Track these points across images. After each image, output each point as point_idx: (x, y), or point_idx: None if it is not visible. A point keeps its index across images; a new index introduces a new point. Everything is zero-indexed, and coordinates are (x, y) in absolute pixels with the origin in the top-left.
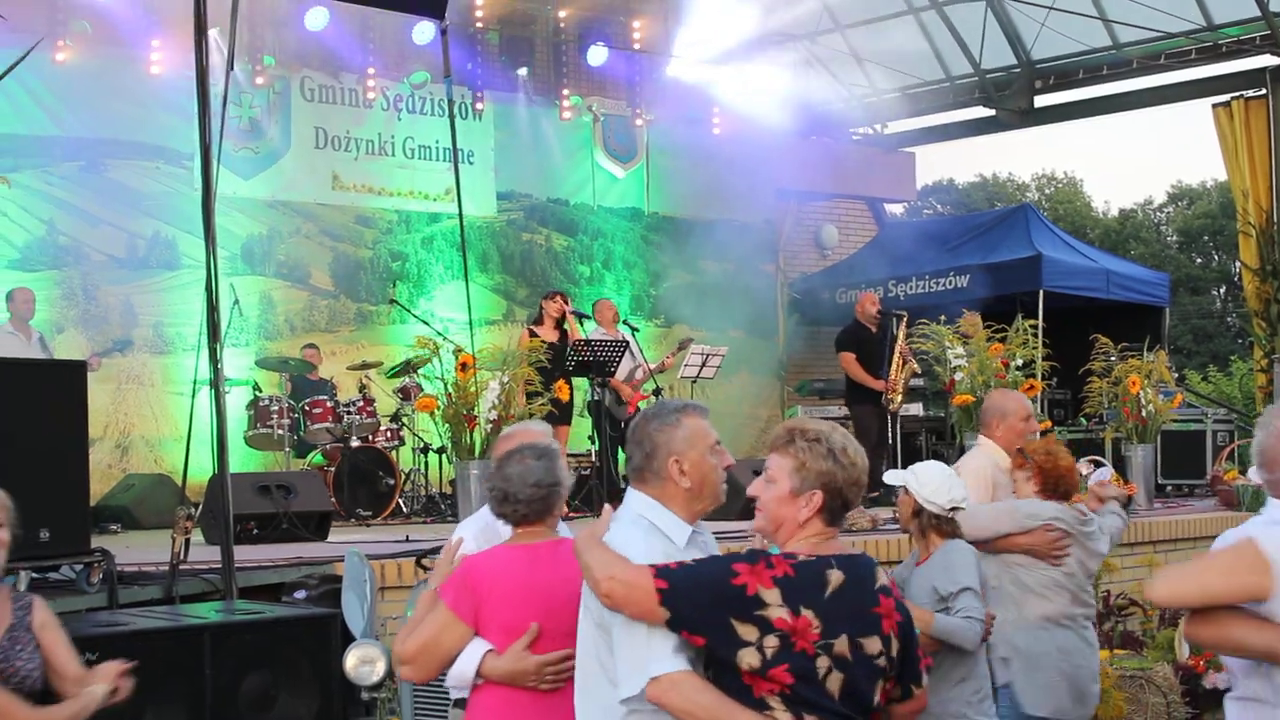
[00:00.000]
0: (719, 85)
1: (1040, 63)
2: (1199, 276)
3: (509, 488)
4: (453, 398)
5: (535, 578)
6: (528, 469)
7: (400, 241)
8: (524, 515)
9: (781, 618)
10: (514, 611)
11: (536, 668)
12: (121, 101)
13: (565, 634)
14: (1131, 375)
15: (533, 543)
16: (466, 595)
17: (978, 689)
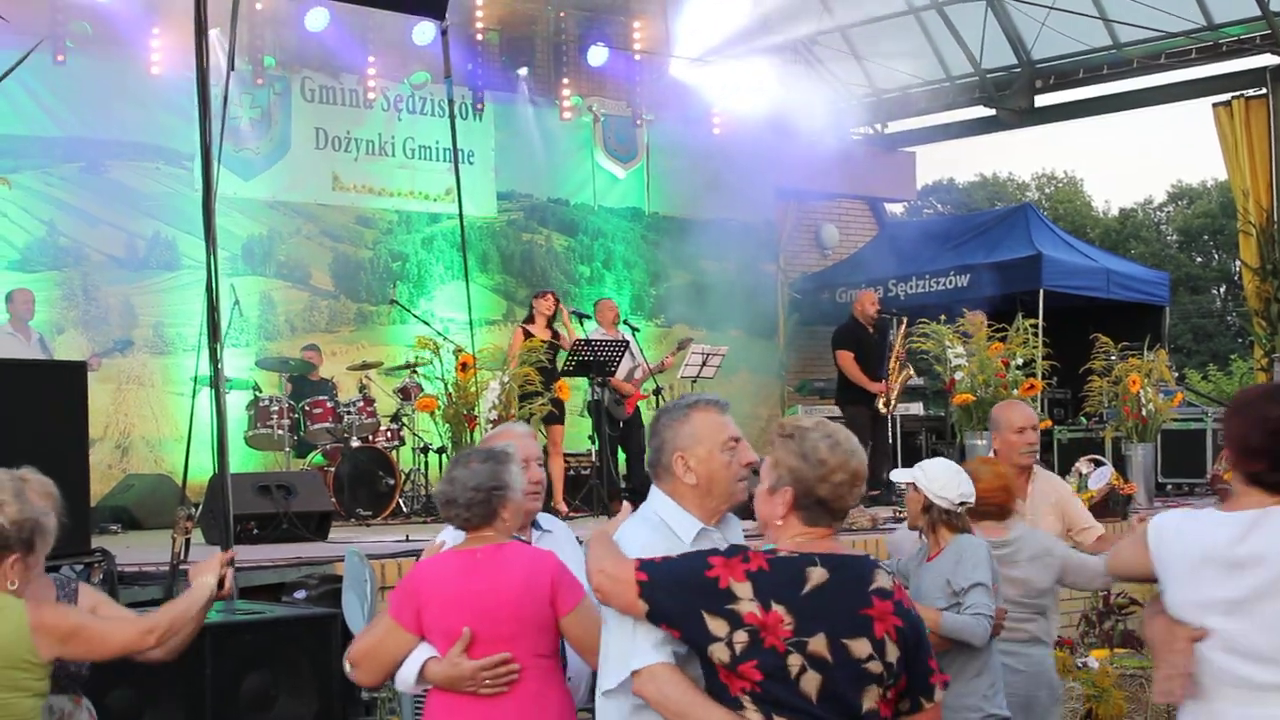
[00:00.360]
0: (719, 85)
1: (1040, 62)
2: (1199, 276)
3: (451, 491)
4: (453, 398)
5: (471, 583)
6: (471, 473)
7: (400, 242)
8: (466, 519)
9: (751, 612)
10: (452, 617)
11: (472, 672)
12: (122, 102)
13: (503, 639)
14: (1132, 374)
15: (474, 547)
16: (408, 602)
17: (992, 682)
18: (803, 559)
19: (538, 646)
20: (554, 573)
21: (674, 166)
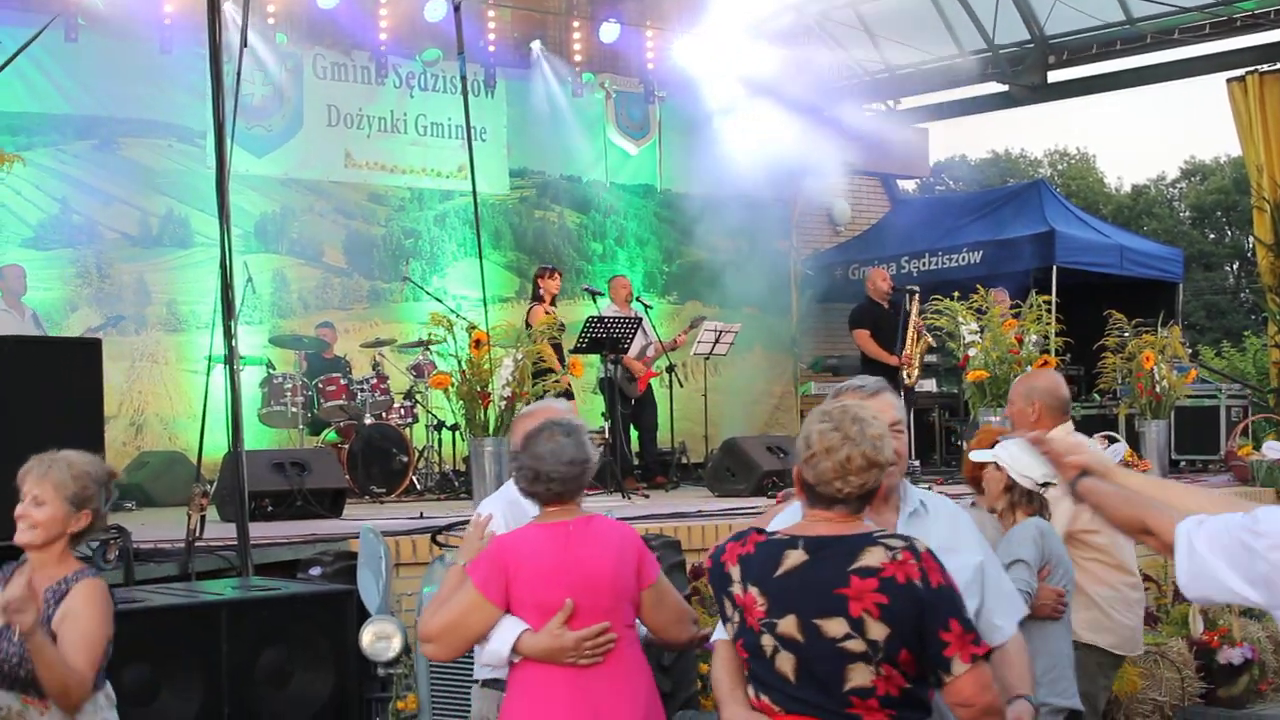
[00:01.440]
0: (731, 61)
1: (1054, 38)
2: (1212, 252)
3: (541, 466)
4: (467, 375)
5: (568, 555)
6: (559, 446)
7: (413, 219)
8: (557, 494)
9: (738, 594)
10: (548, 590)
11: (575, 643)
12: (134, 79)
13: (602, 610)
14: (1145, 351)
15: (563, 520)
16: (496, 575)
17: (1051, 666)
18: (787, 542)
19: (627, 616)
20: (639, 545)
21: (686, 143)
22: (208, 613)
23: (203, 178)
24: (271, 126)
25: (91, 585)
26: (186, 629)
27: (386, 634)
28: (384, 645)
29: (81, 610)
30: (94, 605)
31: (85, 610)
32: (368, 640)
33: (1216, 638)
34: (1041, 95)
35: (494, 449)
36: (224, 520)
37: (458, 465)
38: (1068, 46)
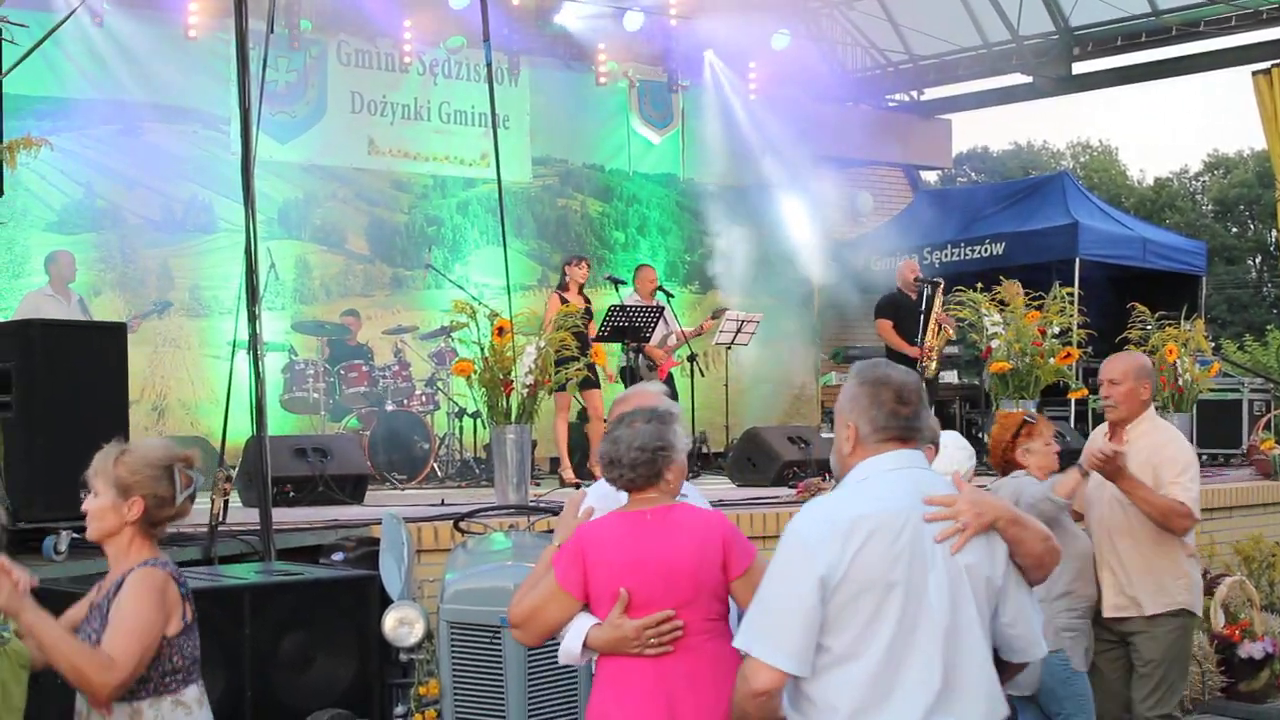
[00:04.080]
0: (755, 51)
1: (1079, 29)
2: (1234, 246)
3: (615, 452)
4: (489, 362)
5: (644, 546)
6: (635, 433)
7: (436, 206)
8: (630, 480)
9: None
10: (623, 581)
11: (635, 632)
12: (159, 65)
13: (681, 602)
14: (1168, 344)
15: (643, 509)
16: (575, 568)
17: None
18: None
19: (710, 610)
20: (726, 535)
21: (709, 132)
22: (231, 597)
23: (226, 163)
24: (295, 113)
25: (142, 574)
26: (209, 613)
27: (409, 619)
28: (406, 630)
29: (125, 599)
30: (138, 593)
31: (128, 598)
32: (390, 625)
33: (1238, 632)
34: (1065, 87)
35: (515, 436)
36: (246, 505)
37: (479, 453)
38: (1092, 38)
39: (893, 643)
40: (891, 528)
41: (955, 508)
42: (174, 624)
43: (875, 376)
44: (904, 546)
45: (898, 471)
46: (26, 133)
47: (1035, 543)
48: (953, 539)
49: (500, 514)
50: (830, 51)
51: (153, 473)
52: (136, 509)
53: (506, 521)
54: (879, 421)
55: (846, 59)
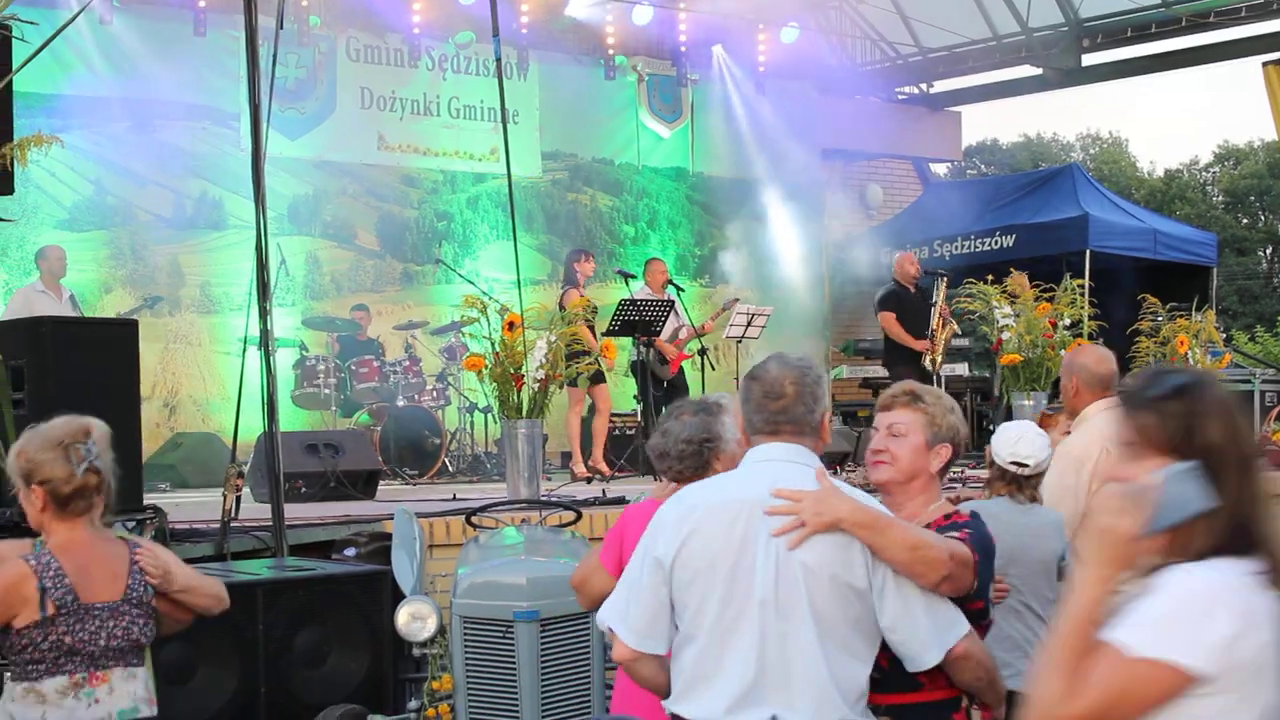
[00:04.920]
0: (764, 45)
1: (1088, 21)
2: (1245, 237)
3: (664, 443)
4: (500, 357)
5: None
6: (682, 425)
7: (445, 201)
8: (679, 471)
9: None
10: None
11: None
12: (169, 62)
13: None
14: (1179, 335)
15: None
16: (613, 545)
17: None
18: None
19: None
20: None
21: (719, 126)
22: (244, 593)
23: (237, 160)
24: (305, 109)
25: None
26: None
27: (422, 614)
28: (419, 625)
29: None
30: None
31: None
32: (403, 620)
33: None
34: (1075, 79)
35: (527, 431)
36: (258, 501)
37: (490, 447)
38: (1102, 30)
39: (714, 628)
40: (725, 518)
41: (799, 504)
42: (24, 617)
43: (750, 373)
44: (736, 537)
45: (763, 464)
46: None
47: (896, 551)
48: (792, 535)
49: (512, 509)
50: (839, 44)
51: (46, 457)
52: (39, 496)
53: (518, 516)
54: (750, 416)
55: (855, 52)
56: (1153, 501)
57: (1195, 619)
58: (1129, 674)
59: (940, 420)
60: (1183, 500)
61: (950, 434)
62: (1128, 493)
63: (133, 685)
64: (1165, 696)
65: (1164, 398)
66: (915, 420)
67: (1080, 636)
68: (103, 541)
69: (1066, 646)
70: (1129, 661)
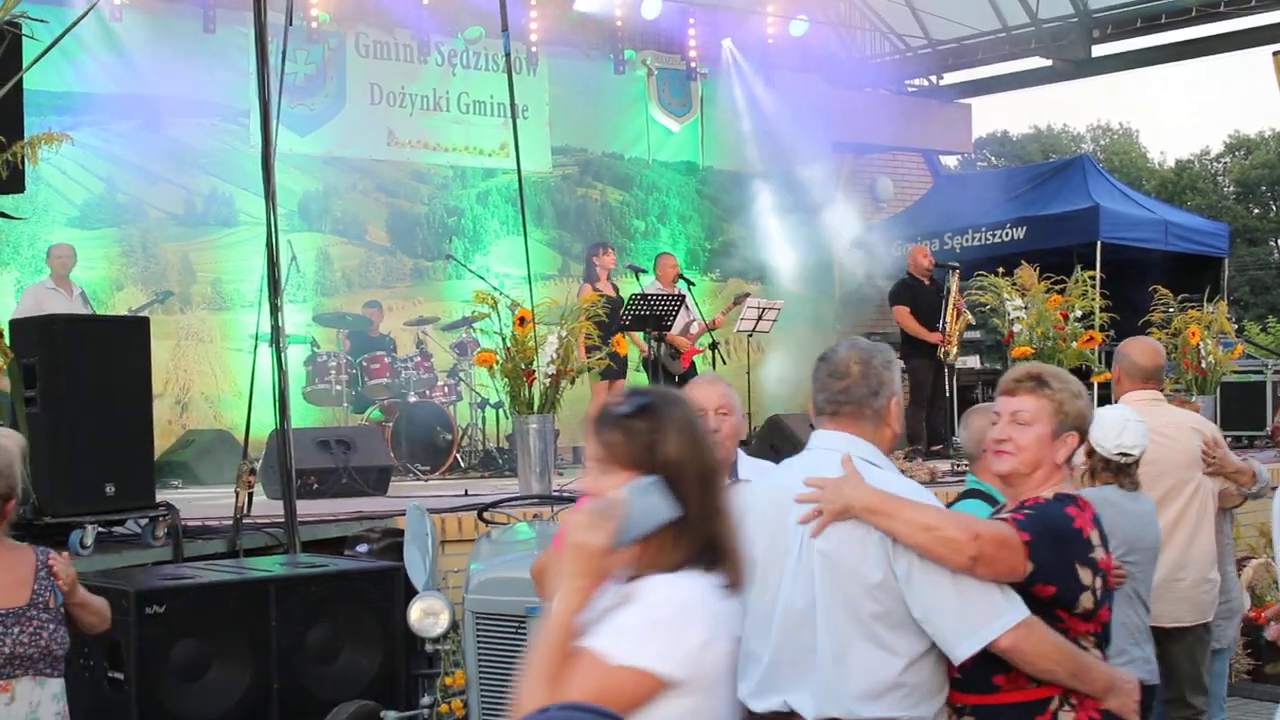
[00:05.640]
0: (773, 38)
1: (1098, 12)
2: (1256, 228)
3: None
4: (511, 352)
5: None
6: None
7: (456, 197)
8: None
9: (1103, 558)
10: None
11: None
12: (178, 59)
13: None
14: (1191, 326)
15: None
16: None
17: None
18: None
19: None
20: None
21: (728, 120)
22: (257, 589)
23: (246, 156)
24: (314, 105)
25: None
26: (236, 605)
27: (434, 610)
28: (432, 621)
29: None
30: None
31: None
32: (416, 616)
33: (1263, 614)
34: (1085, 70)
35: (538, 426)
36: (270, 498)
37: (501, 443)
38: (1112, 20)
39: (754, 613)
40: (764, 505)
41: (821, 492)
42: None
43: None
44: (770, 524)
45: (812, 451)
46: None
47: (911, 534)
48: (813, 523)
49: (524, 504)
50: (848, 37)
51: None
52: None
53: (530, 511)
54: (815, 396)
55: (865, 44)
56: (620, 515)
57: (670, 628)
58: (606, 680)
59: (1068, 407)
60: (648, 512)
61: (1077, 421)
62: (596, 508)
63: (39, 695)
64: (641, 701)
65: (629, 415)
66: (1041, 407)
67: (560, 646)
68: (4, 549)
69: (547, 655)
70: (607, 669)
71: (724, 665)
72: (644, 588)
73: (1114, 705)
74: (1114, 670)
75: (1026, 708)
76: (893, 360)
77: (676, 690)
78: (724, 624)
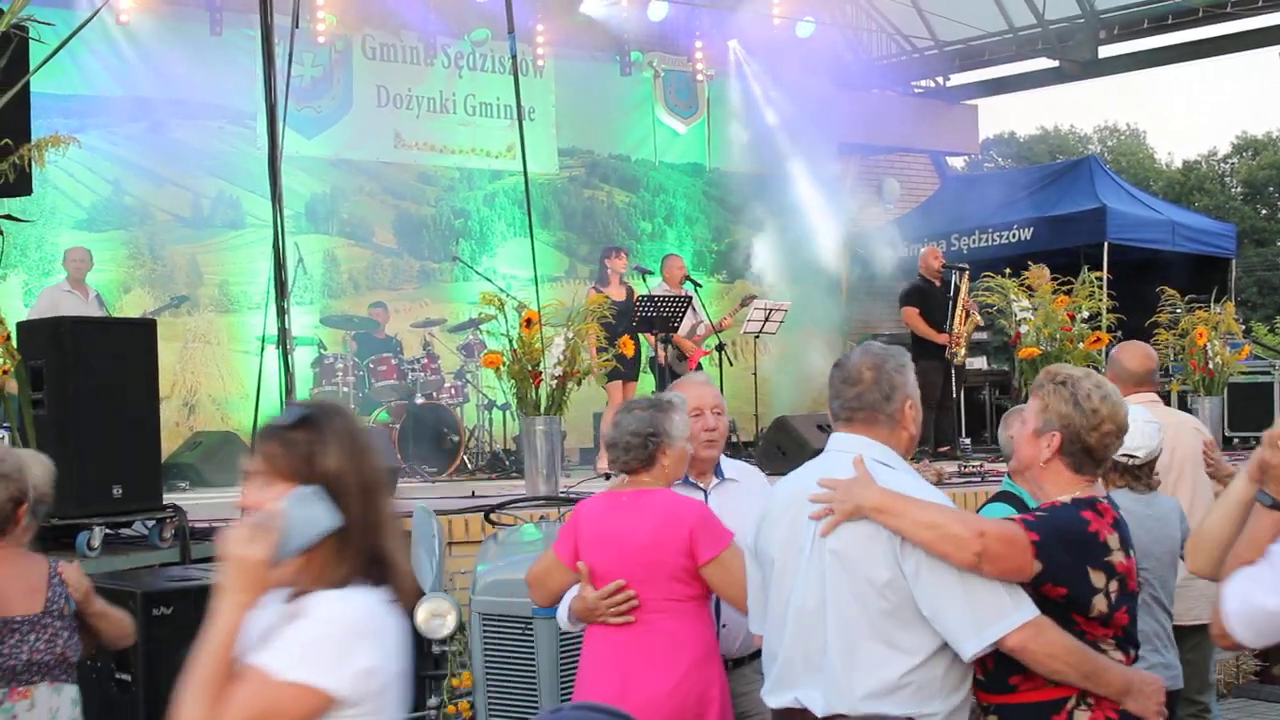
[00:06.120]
0: (780, 39)
1: (1105, 12)
2: (1264, 229)
3: (614, 435)
4: (518, 354)
5: (611, 524)
6: (633, 418)
7: (462, 199)
8: (625, 463)
9: (1121, 561)
10: (596, 554)
11: (594, 602)
12: (185, 62)
13: (637, 580)
14: (1198, 327)
15: (624, 490)
16: (567, 538)
17: None
18: (1114, 505)
19: (670, 590)
20: (693, 522)
21: (735, 121)
22: None
23: (253, 159)
24: (321, 108)
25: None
26: None
27: (441, 612)
28: (438, 623)
29: None
30: None
31: None
32: (423, 618)
33: None
34: (1092, 70)
35: (545, 428)
36: None
37: (508, 444)
38: (1119, 21)
39: (774, 610)
40: (783, 506)
41: (833, 493)
42: None
43: (836, 361)
44: (786, 525)
45: (829, 454)
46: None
47: (917, 531)
48: (824, 522)
49: (531, 505)
50: (855, 38)
51: None
52: None
53: (537, 513)
54: (830, 402)
55: (871, 46)
56: (280, 527)
57: (339, 645)
58: (273, 696)
59: (1053, 406)
60: (308, 522)
61: (1062, 420)
62: (255, 520)
63: (57, 702)
64: (307, 719)
65: (288, 427)
66: (1033, 407)
67: (220, 662)
68: (19, 557)
69: (208, 671)
70: (274, 685)
71: (390, 683)
72: (312, 604)
73: (1134, 707)
74: (1134, 672)
75: (1043, 708)
76: (906, 364)
77: (344, 708)
78: (393, 641)
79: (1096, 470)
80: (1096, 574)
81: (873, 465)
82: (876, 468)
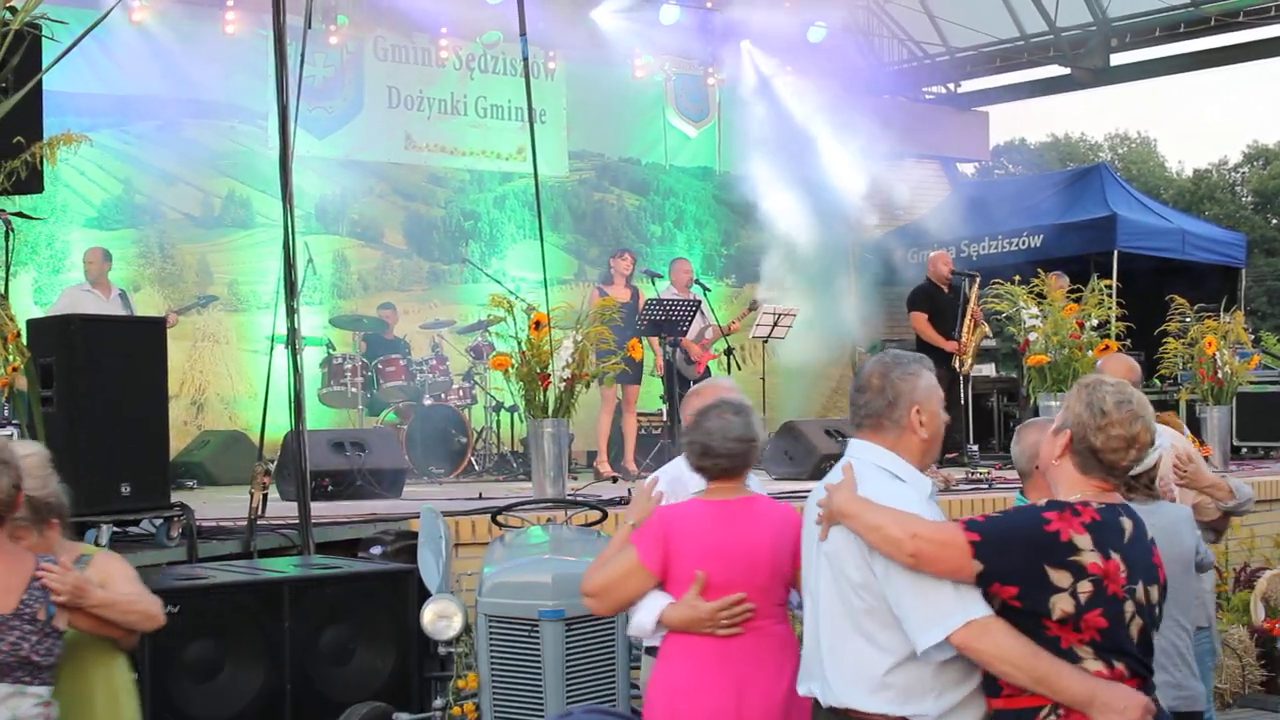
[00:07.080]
0: (791, 44)
1: (1117, 21)
2: (1274, 238)
3: (709, 442)
4: (526, 356)
5: (727, 533)
6: (728, 424)
7: (472, 201)
8: (724, 469)
9: (1094, 562)
10: (703, 564)
11: (710, 614)
12: (197, 61)
13: (756, 588)
14: (1208, 336)
15: (726, 498)
16: (657, 547)
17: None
18: (1114, 510)
19: (779, 596)
20: (798, 527)
21: (745, 126)
22: (270, 590)
23: (264, 159)
24: (332, 108)
25: None
26: (250, 606)
27: (447, 613)
28: (445, 624)
29: None
30: None
31: None
32: (429, 619)
33: (1278, 625)
34: (1103, 78)
35: (553, 430)
36: (284, 499)
37: (516, 446)
38: (1130, 29)
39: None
40: (808, 511)
41: (826, 498)
42: None
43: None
44: (808, 528)
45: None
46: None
47: (867, 534)
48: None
49: (538, 507)
50: (866, 44)
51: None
52: None
53: (544, 515)
54: (850, 409)
55: (883, 51)
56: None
57: None
58: None
59: (1071, 407)
60: None
61: (1073, 421)
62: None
63: (18, 703)
64: None
65: None
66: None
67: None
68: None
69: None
70: None
71: None
72: None
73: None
74: (1101, 684)
75: (1018, 714)
76: (915, 371)
77: None
78: None
79: (1107, 476)
80: (1058, 573)
81: (867, 470)
82: (874, 473)
